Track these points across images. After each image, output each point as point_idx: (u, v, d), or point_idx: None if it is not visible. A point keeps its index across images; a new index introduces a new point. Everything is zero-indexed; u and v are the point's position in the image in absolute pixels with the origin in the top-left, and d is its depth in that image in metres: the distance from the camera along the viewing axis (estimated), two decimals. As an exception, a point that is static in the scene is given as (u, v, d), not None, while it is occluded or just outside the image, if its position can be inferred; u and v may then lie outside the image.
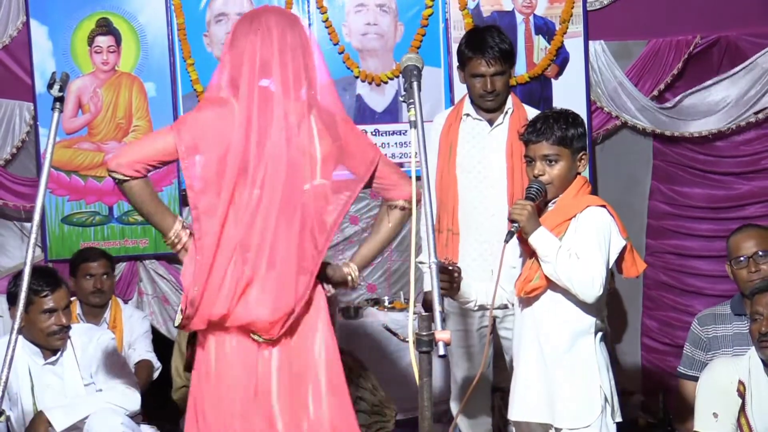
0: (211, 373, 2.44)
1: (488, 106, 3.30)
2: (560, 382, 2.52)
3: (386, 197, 2.61)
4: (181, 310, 2.42)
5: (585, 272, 2.42)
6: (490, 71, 3.24)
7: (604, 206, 2.55)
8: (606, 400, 2.51)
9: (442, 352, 1.79)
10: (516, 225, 2.48)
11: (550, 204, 2.59)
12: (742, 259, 3.12)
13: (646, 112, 4.51)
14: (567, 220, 2.52)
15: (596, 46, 4.50)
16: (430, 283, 1.91)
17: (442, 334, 1.80)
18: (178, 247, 2.47)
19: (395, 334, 4.13)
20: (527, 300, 2.57)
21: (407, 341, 1.90)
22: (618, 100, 4.52)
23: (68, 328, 3.15)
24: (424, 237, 3.08)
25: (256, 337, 2.41)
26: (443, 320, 1.81)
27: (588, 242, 2.46)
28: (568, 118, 2.58)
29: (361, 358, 3.88)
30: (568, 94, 4.45)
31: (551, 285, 2.50)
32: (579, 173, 2.59)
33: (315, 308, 2.49)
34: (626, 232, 2.56)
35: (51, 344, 3.13)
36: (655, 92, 4.52)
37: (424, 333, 1.84)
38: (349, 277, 2.60)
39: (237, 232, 2.37)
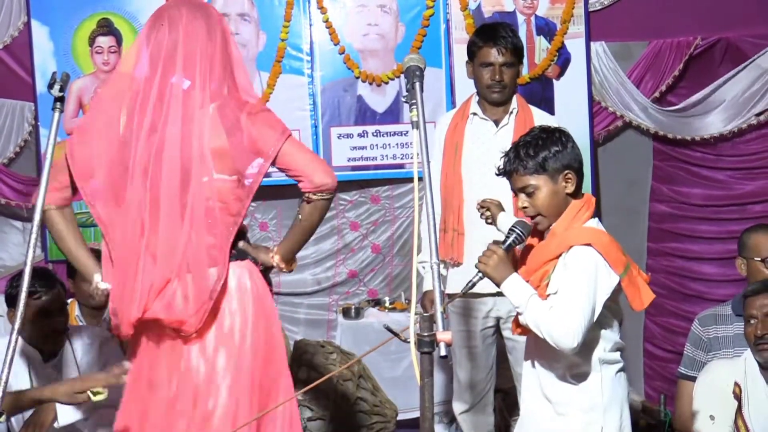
0: (142, 379, 2.41)
1: (495, 98, 3.28)
2: (563, 420, 2.42)
3: (300, 188, 2.43)
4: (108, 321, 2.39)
5: (560, 324, 2.27)
6: (500, 60, 3.24)
7: (589, 244, 2.32)
8: None
9: (443, 352, 1.78)
10: (480, 275, 2.36)
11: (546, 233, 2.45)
12: None
13: (648, 113, 4.51)
14: (554, 258, 2.36)
15: (597, 46, 4.50)
16: (431, 283, 1.91)
17: (443, 335, 1.80)
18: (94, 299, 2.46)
19: (396, 335, 4.12)
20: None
21: (408, 341, 1.89)
22: (621, 100, 4.53)
23: (64, 330, 3.14)
24: (425, 237, 3.09)
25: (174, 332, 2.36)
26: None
27: (569, 290, 2.28)
28: (538, 141, 2.40)
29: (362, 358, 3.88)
30: (569, 94, 4.45)
31: None
32: (569, 194, 2.40)
33: (238, 296, 2.39)
34: (622, 265, 2.33)
35: (46, 347, 3.13)
36: (657, 93, 4.52)
37: (426, 333, 1.84)
38: (274, 262, 2.47)
39: (140, 234, 2.32)
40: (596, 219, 2.44)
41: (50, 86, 2.25)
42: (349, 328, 4.33)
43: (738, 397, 2.80)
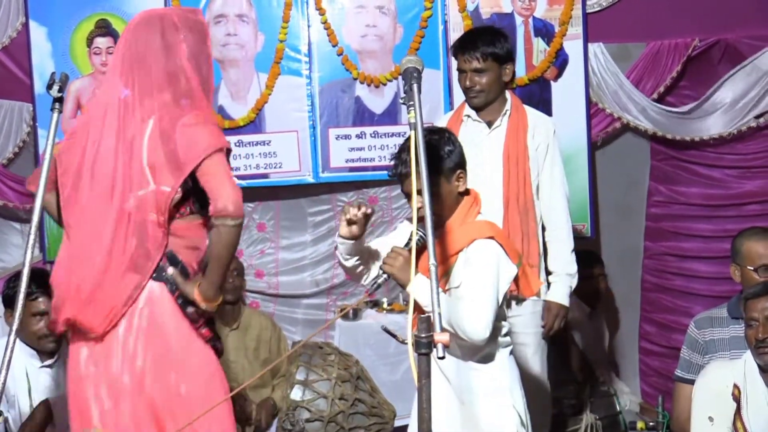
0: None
1: (473, 103, 3.36)
2: (469, 406, 2.44)
3: None
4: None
5: (471, 317, 2.32)
6: (470, 67, 3.31)
7: (492, 237, 2.41)
8: (521, 419, 2.45)
9: (441, 354, 1.79)
10: (384, 276, 2.37)
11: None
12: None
13: (646, 114, 4.51)
14: (454, 254, 2.41)
15: (595, 48, 4.50)
16: (429, 284, 1.91)
17: (440, 336, 1.80)
18: None
19: (394, 336, 4.13)
20: None
21: (406, 343, 1.89)
22: (619, 101, 4.53)
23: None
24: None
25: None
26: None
27: (475, 282, 2.35)
28: (430, 142, 2.41)
29: (360, 360, 3.88)
30: (567, 96, 4.45)
31: None
32: (461, 192, 2.47)
33: (148, 313, 2.39)
34: (517, 256, 2.46)
35: (43, 347, 3.13)
36: (655, 95, 4.52)
37: (423, 335, 1.84)
38: (195, 298, 2.38)
39: (76, 238, 2.38)
40: (482, 213, 2.52)
41: (49, 87, 2.27)
42: (347, 329, 4.33)
43: (737, 398, 2.79)
